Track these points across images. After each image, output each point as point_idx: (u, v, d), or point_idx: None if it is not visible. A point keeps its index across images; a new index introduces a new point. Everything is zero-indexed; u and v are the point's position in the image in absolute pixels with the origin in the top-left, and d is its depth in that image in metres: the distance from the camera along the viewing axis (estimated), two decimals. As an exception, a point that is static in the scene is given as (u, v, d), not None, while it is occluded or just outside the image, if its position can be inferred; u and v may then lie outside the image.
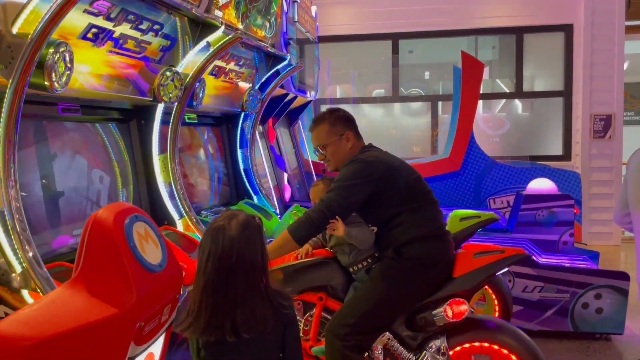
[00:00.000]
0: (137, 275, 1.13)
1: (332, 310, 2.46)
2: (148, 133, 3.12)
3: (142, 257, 1.17)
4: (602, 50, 7.00)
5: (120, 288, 1.11)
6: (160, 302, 1.22)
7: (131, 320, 1.10)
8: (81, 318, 1.05)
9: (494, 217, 3.42)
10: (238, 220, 1.49)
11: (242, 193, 4.40)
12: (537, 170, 6.02)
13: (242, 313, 1.44)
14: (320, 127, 2.53)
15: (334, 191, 2.34)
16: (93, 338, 1.06)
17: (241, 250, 1.45)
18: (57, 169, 2.60)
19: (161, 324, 1.26)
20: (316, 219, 2.30)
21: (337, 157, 2.49)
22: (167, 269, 1.24)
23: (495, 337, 2.28)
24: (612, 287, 3.92)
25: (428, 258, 2.33)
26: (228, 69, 3.79)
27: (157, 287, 1.21)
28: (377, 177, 2.33)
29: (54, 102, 2.51)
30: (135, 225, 1.20)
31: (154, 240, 1.24)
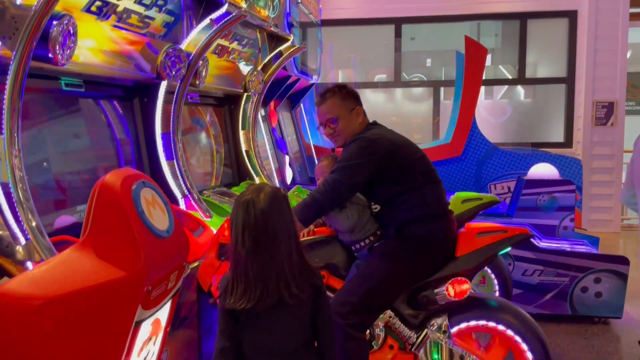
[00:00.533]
0: (144, 240, 1.14)
1: (334, 289, 2.46)
2: (151, 111, 3.11)
3: (150, 222, 1.17)
4: (606, 37, 6.97)
5: (128, 252, 1.12)
6: (167, 268, 1.23)
7: (139, 283, 1.10)
8: (90, 279, 1.05)
9: (495, 199, 3.42)
10: (265, 193, 1.55)
11: (244, 174, 4.40)
12: (538, 156, 6.01)
13: (287, 280, 1.51)
14: (331, 100, 2.47)
15: (337, 171, 2.32)
16: (101, 299, 1.06)
17: (274, 221, 1.51)
18: (59, 145, 2.59)
19: (167, 290, 1.27)
20: (321, 200, 2.29)
21: (346, 132, 2.46)
22: (174, 235, 1.25)
23: (496, 315, 2.29)
24: (612, 271, 3.94)
25: (430, 237, 2.33)
26: (231, 48, 3.77)
27: (164, 253, 1.21)
28: (380, 155, 2.32)
29: (57, 77, 2.50)
30: (143, 191, 1.19)
31: (161, 207, 1.24)
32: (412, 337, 2.31)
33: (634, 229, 7.60)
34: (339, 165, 2.34)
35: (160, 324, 1.30)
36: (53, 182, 2.51)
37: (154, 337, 1.29)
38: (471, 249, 2.29)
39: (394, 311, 2.34)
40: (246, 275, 1.46)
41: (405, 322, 2.32)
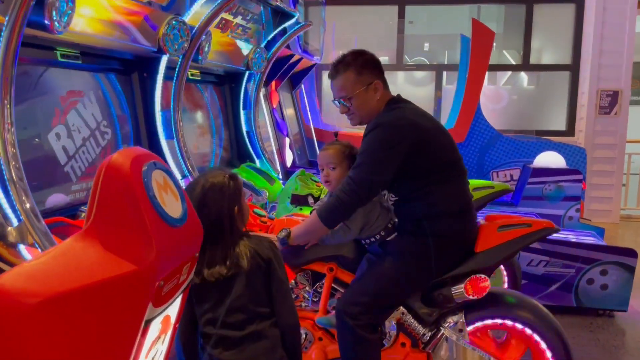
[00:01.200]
0: (157, 229, 1.00)
1: (343, 282, 2.33)
2: (151, 87, 2.96)
3: (162, 208, 1.03)
4: (613, 24, 6.82)
5: (138, 242, 0.98)
6: (180, 260, 1.10)
7: (151, 278, 0.97)
8: (95, 274, 0.91)
9: (508, 188, 3.31)
10: (203, 182, 1.68)
11: (244, 156, 4.25)
12: (542, 144, 5.91)
13: (209, 254, 1.62)
14: (344, 76, 2.15)
15: (362, 168, 2.05)
16: (108, 297, 0.93)
17: (197, 207, 1.56)
18: (53, 120, 2.43)
19: (179, 284, 1.14)
20: (348, 202, 2.05)
21: (363, 111, 2.18)
22: (188, 223, 1.11)
23: (515, 313, 2.15)
24: (619, 263, 3.86)
25: (451, 235, 2.13)
26: (235, 23, 3.59)
27: (177, 243, 1.07)
28: (407, 145, 2.03)
29: (53, 47, 2.33)
30: (154, 173, 1.05)
31: (173, 192, 1.10)
32: (426, 334, 2.17)
33: (633, 220, 7.56)
34: (362, 160, 2.07)
35: (170, 320, 1.17)
36: (46, 159, 2.35)
37: (163, 335, 1.16)
38: (492, 244, 2.12)
39: (407, 308, 2.19)
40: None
41: (418, 319, 2.18)
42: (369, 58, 2.19)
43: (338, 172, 2.22)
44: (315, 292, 2.34)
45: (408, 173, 2.09)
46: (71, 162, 2.50)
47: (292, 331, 1.75)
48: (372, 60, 2.20)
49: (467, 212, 2.16)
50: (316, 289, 2.34)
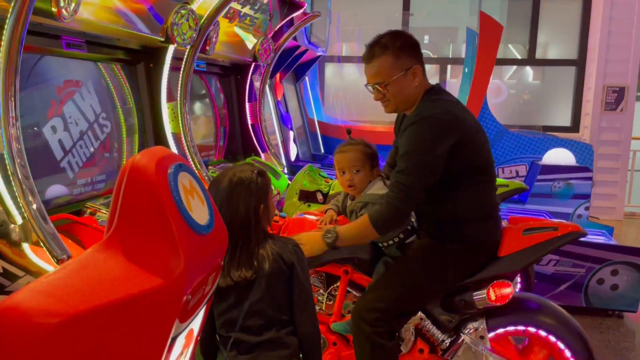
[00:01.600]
0: (184, 238, 0.91)
1: (358, 285, 2.23)
2: (157, 77, 2.85)
3: (190, 215, 0.94)
4: (620, 19, 6.73)
5: (164, 253, 0.89)
6: (206, 270, 1.01)
7: (178, 292, 0.88)
8: (119, 289, 0.82)
9: (523, 186, 3.23)
10: (230, 175, 1.61)
11: (249, 149, 4.16)
12: (549, 140, 5.82)
13: (227, 257, 1.55)
14: (381, 60, 1.96)
15: (412, 170, 1.89)
16: (133, 315, 0.84)
17: (223, 202, 1.57)
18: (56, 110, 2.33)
19: (204, 295, 1.05)
20: (404, 210, 1.92)
21: (399, 98, 1.99)
22: (215, 230, 1.02)
23: (538, 320, 2.06)
24: (630, 263, 3.80)
25: (475, 240, 2.03)
26: (243, 12, 3.48)
27: (205, 253, 0.98)
28: (452, 142, 1.89)
29: (58, 35, 2.22)
30: (180, 176, 0.96)
31: (199, 196, 1.01)
32: (445, 341, 2.09)
33: (637, 217, 7.51)
34: (410, 162, 1.90)
35: (193, 334, 1.08)
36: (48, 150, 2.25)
37: (186, 350, 1.07)
38: (517, 248, 2.02)
39: (426, 313, 2.10)
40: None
41: (437, 325, 2.10)
42: (408, 40, 2.01)
43: (362, 175, 2.13)
44: (329, 294, 2.26)
45: (442, 173, 1.95)
46: (72, 152, 2.40)
47: (312, 341, 1.67)
48: (411, 42, 2.01)
49: (492, 217, 2.06)
50: (331, 292, 2.26)
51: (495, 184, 2.09)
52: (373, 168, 2.17)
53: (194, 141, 2.92)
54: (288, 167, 4.65)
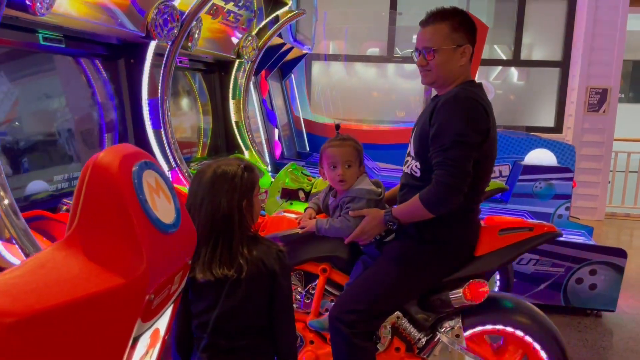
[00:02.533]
0: (147, 237, 0.90)
1: (336, 283, 2.24)
2: (137, 74, 2.83)
3: (154, 213, 0.94)
4: (604, 22, 6.81)
5: (126, 252, 0.88)
6: (172, 270, 1.00)
7: (140, 292, 0.88)
8: (78, 289, 0.82)
9: (503, 186, 3.26)
10: (214, 169, 1.56)
11: (232, 146, 4.14)
12: (532, 140, 5.87)
13: (208, 253, 1.51)
14: (437, 27, 1.97)
15: (455, 146, 1.85)
16: (92, 314, 0.83)
17: (209, 199, 1.53)
18: (34, 105, 2.30)
19: (170, 294, 1.04)
20: (459, 185, 1.87)
21: (441, 70, 1.98)
22: (181, 229, 1.01)
23: (513, 319, 2.08)
24: (609, 263, 3.84)
25: (453, 241, 2.04)
26: (227, 9, 3.46)
27: (170, 252, 0.98)
28: (485, 135, 1.89)
29: (35, 29, 2.19)
30: (145, 174, 0.95)
31: (166, 194, 1.00)
32: (422, 339, 2.10)
33: (618, 218, 7.60)
34: (452, 137, 1.85)
35: (159, 334, 1.08)
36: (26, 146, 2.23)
37: (152, 349, 1.06)
38: (493, 247, 2.04)
39: (403, 312, 2.11)
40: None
41: (414, 323, 2.10)
42: (468, 21, 2.01)
43: (353, 171, 2.12)
44: (307, 293, 2.26)
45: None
46: (52, 149, 2.38)
47: (292, 351, 1.65)
48: (471, 24, 2.01)
49: (471, 218, 2.07)
50: (309, 290, 2.26)
51: (483, 193, 2.09)
52: (361, 165, 2.18)
53: (174, 137, 2.90)
54: (272, 164, 4.64)
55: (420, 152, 2.02)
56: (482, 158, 1.95)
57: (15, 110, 2.18)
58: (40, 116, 2.32)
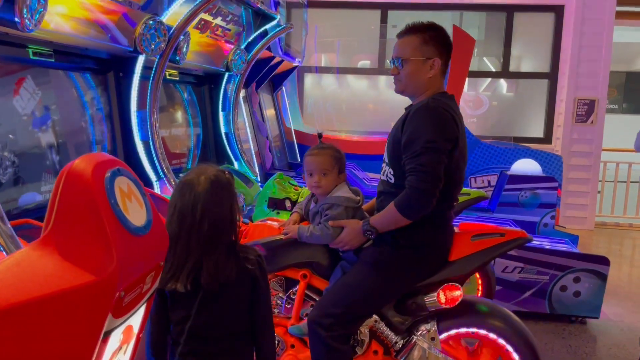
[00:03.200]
0: (118, 238, 0.97)
1: (316, 288, 2.31)
2: (126, 87, 2.91)
3: (125, 216, 1.01)
4: (591, 34, 6.94)
5: (98, 251, 0.95)
6: (143, 270, 1.07)
7: (110, 289, 0.95)
8: (51, 284, 0.89)
9: (484, 194, 3.34)
10: (207, 176, 1.55)
11: (222, 157, 4.22)
12: (520, 151, 5.97)
13: (206, 265, 1.52)
14: (408, 39, 2.09)
15: (427, 152, 1.94)
16: (64, 309, 0.90)
17: (207, 205, 1.53)
18: (25, 119, 2.38)
19: (142, 293, 1.11)
20: (431, 190, 1.95)
21: (409, 80, 2.10)
22: (152, 232, 1.09)
23: (487, 322, 2.15)
24: (592, 271, 3.91)
25: (429, 247, 2.12)
26: (215, 24, 3.56)
27: (140, 252, 1.05)
28: (453, 144, 1.99)
29: (25, 44, 2.28)
30: (117, 180, 1.03)
31: (138, 199, 1.08)
32: (399, 342, 2.17)
33: (608, 227, 7.68)
34: (422, 144, 1.94)
35: (133, 330, 1.14)
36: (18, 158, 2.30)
37: (125, 345, 1.13)
38: (466, 253, 2.12)
39: (380, 316, 2.18)
40: (173, 255, 1.52)
41: (391, 327, 2.17)
42: (440, 35, 2.12)
43: (329, 179, 2.21)
44: (288, 298, 2.33)
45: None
46: (43, 161, 2.45)
47: (270, 353, 1.69)
48: (442, 39, 2.12)
49: (445, 224, 2.15)
50: (289, 296, 2.32)
51: (456, 200, 2.18)
52: (340, 173, 2.26)
53: (162, 148, 2.98)
54: (262, 175, 4.72)
55: (393, 159, 2.11)
56: (453, 165, 2.04)
57: (8, 121, 2.26)
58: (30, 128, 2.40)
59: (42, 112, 2.48)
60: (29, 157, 2.36)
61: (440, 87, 2.14)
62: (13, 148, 2.28)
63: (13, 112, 2.30)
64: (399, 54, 2.11)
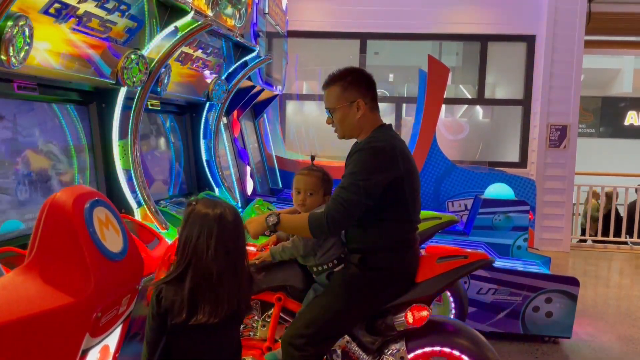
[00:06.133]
0: (95, 263, 1.07)
1: (291, 311, 2.40)
2: (109, 117, 3.01)
3: (102, 243, 1.11)
4: (561, 62, 7.22)
5: (77, 276, 1.05)
6: (119, 292, 1.17)
7: (88, 310, 1.04)
8: (33, 306, 0.98)
9: (454, 219, 3.47)
10: (230, 208, 1.63)
11: (204, 184, 4.31)
12: (495, 175, 6.15)
13: (245, 294, 1.63)
14: (331, 89, 2.26)
15: (354, 189, 2.11)
16: (45, 328, 1.00)
17: (241, 236, 1.62)
18: (9, 149, 2.47)
19: (119, 315, 1.20)
20: (339, 220, 2.13)
21: (344, 126, 2.27)
22: (128, 257, 1.19)
23: (453, 341, 2.27)
24: (563, 292, 4.04)
25: (395, 269, 2.25)
26: (195, 56, 3.70)
27: (116, 276, 1.15)
28: (393, 173, 2.14)
29: (10, 79, 2.38)
30: (96, 210, 1.13)
31: (114, 227, 1.18)
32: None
33: (583, 249, 7.87)
34: (352, 179, 2.13)
35: (109, 350, 1.23)
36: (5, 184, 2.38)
37: (102, 364, 1.22)
38: (431, 274, 2.25)
39: (352, 336, 2.29)
40: (218, 288, 1.51)
41: (362, 347, 2.28)
42: (357, 77, 2.27)
43: (314, 199, 2.34)
44: (263, 321, 2.41)
45: (376, 203, 2.17)
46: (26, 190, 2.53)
47: None
48: (360, 80, 2.27)
49: (411, 247, 2.28)
50: (265, 319, 2.41)
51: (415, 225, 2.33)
52: (325, 195, 2.39)
53: (142, 177, 3.07)
54: (243, 201, 4.82)
55: None
56: (402, 189, 2.19)
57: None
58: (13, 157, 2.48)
59: (25, 142, 2.57)
60: (12, 185, 2.44)
61: (375, 122, 2.30)
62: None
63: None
64: (326, 105, 2.30)
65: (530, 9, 7.35)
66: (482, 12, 7.48)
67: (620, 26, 7.62)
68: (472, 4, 7.42)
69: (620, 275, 6.94)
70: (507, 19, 7.41)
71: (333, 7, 7.46)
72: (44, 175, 2.67)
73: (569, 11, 7.10)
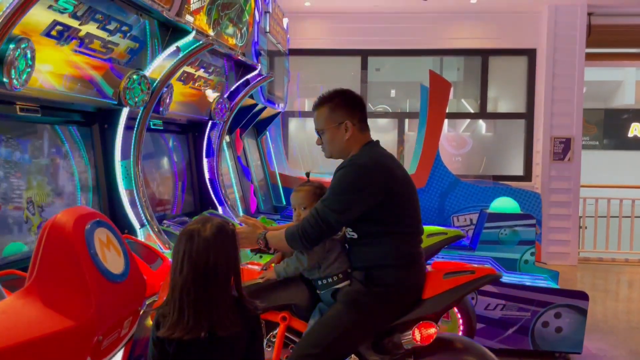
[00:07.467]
0: (96, 285, 1.05)
1: (296, 330, 2.35)
2: (111, 138, 3.02)
3: (103, 265, 1.09)
4: (563, 75, 7.23)
5: (78, 298, 1.03)
6: (120, 315, 1.14)
7: (89, 333, 1.02)
8: (34, 330, 0.96)
9: (460, 234, 3.44)
10: (212, 224, 1.57)
11: (207, 203, 4.30)
12: (499, 189, 6.12)
13: (218, 313, 1.51)
14: (320, 111, 2.29)
15: (328, 204, 2.14)
16: (46, 352, 0.97)
17: (216, 253, 1.53)
18: (12, 171, 2.47)
19: (120, 337, 1.18)
20: (311, 234, 2.14)
21: (332, 146, 2.30)
22: (130, 279, 1.17)
23: (460, 358, 2.22)
24: (572, 306, 3.97)
25: (401, 285, 2.20)
26: (197, 75, 3.71)
27: (118, 299, 1.12)
28: (377, 189, 2.14)
29: (12, 101, 2.39)
30: (97, 232, 1.12)
31: (116, 248, 1.16)
32: None
33: (591, 262, 7.78)
34: (329, 196, 2.17)
35: (111, 374, 1.21)
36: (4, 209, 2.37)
37: (104, 388, 1.19)
38: (438, 291, 2.20)
39: (359, 355, 2.23)
40: (180, 304, 1.46)
41: None
42: (345, 99, 2.28)
43: (308, 212, 2.32)
44: (269, 341, 2.37)
45: (369, 217, 2.18)
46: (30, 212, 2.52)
47: None
48: (348, 101, 2.28)
49: (416, 262, 2.25)
50: (269, 338, 2.37)
51: (419, 238, 2.29)
52: None
53: (145, 196, 3.06)
54: (247, 219, 4.79)
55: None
56: (395, 203, 2.18)
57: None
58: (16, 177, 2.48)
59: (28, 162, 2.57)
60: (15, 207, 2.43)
61: (363, 139, 2.31)
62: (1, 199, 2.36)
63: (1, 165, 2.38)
64: (316, 127, 2.33)
65: (531, 23, 7.38)
66: (483, 27, 7.51)
67: (621, 38, 7.63)
68: (472, 19, 7.46)
69: (630, 288, 6.85)
70: (508, 33, 7.44)
71: (334, 24, 7.51)
72: (47, 196, 2.66)
73: (569, 24, 7.12)
